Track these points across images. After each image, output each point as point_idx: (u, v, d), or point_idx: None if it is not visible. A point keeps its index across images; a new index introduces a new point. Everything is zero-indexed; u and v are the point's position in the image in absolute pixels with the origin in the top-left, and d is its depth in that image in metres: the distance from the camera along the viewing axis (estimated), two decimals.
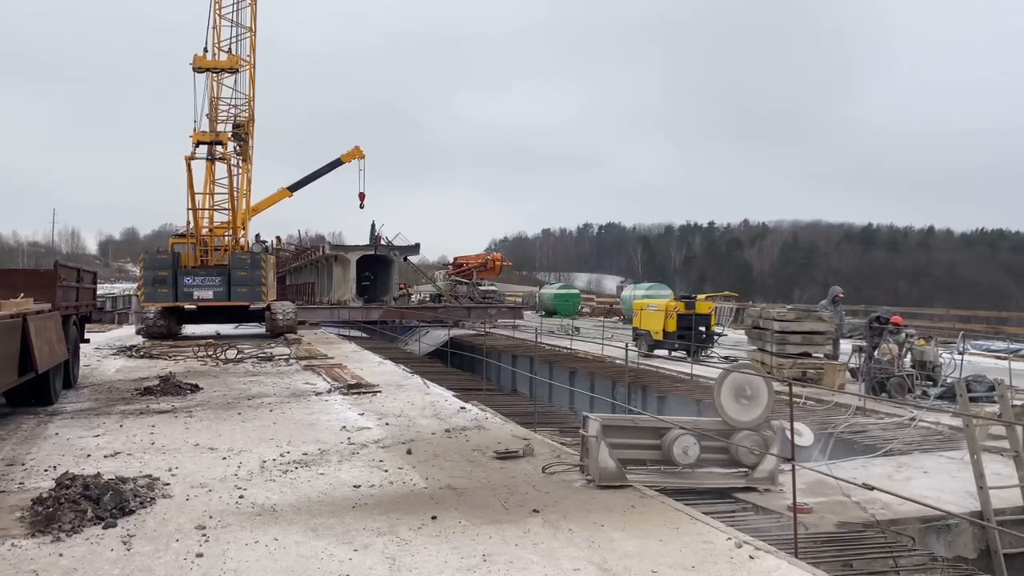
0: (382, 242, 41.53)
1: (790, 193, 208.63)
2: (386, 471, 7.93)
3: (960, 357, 14.71)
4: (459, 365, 25.19)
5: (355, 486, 7.33)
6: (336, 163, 39.31)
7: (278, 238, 51.37)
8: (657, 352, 22.09)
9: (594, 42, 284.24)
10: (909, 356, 14.75)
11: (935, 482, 8.72)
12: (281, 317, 26.06)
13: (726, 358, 20.66)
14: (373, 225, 42.59)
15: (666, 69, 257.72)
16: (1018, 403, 9.98)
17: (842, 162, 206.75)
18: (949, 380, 13.87)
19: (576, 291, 55.19)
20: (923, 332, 16.87)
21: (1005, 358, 18.19)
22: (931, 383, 14.33)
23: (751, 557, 5.50)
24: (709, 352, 21.93)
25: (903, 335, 14.92)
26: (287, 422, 10.78)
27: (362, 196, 39.23)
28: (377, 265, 42.27)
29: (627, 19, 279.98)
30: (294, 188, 38.06)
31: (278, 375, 16.09)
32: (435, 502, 6.80)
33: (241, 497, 6.92)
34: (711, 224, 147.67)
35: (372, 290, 42.87)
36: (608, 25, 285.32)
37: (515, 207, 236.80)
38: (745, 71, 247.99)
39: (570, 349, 24.71)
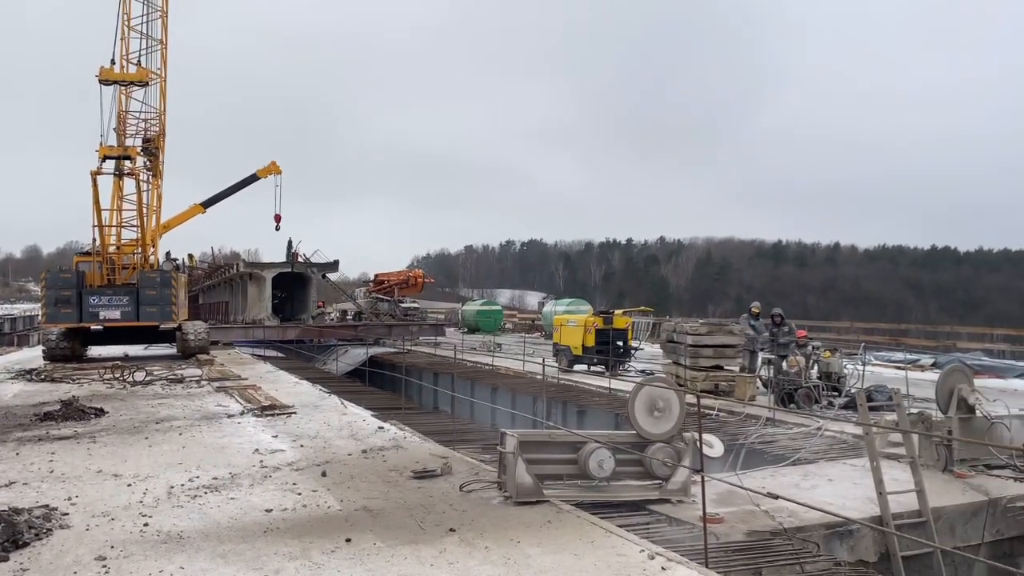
0: (299, 259, 40.72)
1: (703, 210, 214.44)
2: (299, 494, 7.77)
3: (862, 368, 15.37)
4: (379, 384, 24.90)
5: (267, 510, 7.15)
6: (252, 178, 38.48)
7: (190, 256, 49.87)
8: (577, 367, 22.35)
9: (508, 56, 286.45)
10: (815, 368, 15.33)
11: (839, 489, 9.06)
12: (193, 337, 25.28)
13: (642, 372, 21.05)
14: (290, 242, 41.80)
15: (579, 84, 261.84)
16: (914, 412, 10.47)
17: (753, 177, 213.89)
18: (852, 391, 14.48)
19: (498, 307, 55.38)
20: (829, 344, 17.56)
21: (904, 368, 19.09)
22: (836, 393, 14.91)
23: (663, 568, 5.60)
24: (626, 366, 22.31)
25: (809, 347, 15.51)
26: (197, 446, 10.44)
27: (278, 218, 38.50)
28: (294, 283, 41.41)
29: (541, 34, 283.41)
30: (207, 204, 37.06)
31: (189, 397, 15.58)
32: (350, 524, 6.69)
33: (146, 525, 6.67)
34: (629, 241, 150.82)
35: (289, 308, 41.98)
36: (522, 39, 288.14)
37: (437, 223, 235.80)
38: (657, 87, 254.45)
39: (492, 365, 24.75)
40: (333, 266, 41.66)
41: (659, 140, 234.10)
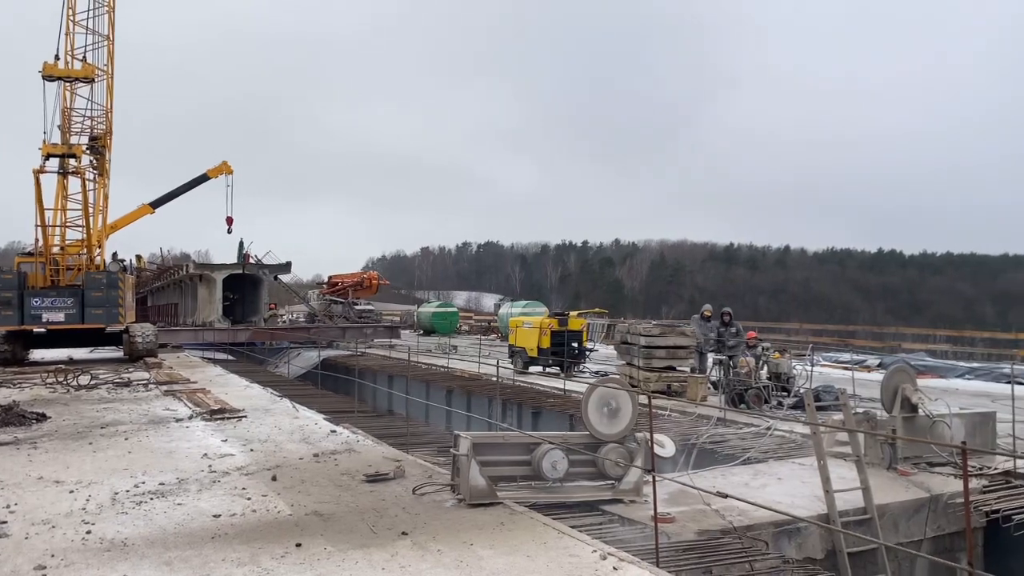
0: (251, 260, 40.07)
1: (657, 213, 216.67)
2: (249, 499, 7.64)
3: (810, 369, 15.68)
4: (332, 387, 24.60)
5: (215, 516, 7.02)
6: (202, 178, 37.77)
7: (138, 257, 48.74)
8: (532, 368, 22.38)
9: (462, 56, 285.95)
10: (765, 368, 15.59)
11: (788, 488, 9.22)
12: (140, 340, 24.73)
13: (597, 373, 21.17)
14: (241, 243, 41.11)
15: (533, 86, 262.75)
16: (860, 411, 10.71)
17: (705, 179, 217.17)
18: (801, 391, 14.76)
19: (454, 309, 55.16)
20: (778, 345, 17.88)
21: (851, 369, 19.54)
22: (785, 394, 15.19)
23: (615, 568, 5.64)
24: (581, 367, 22.42)
25: (759, 349, 15.77)
26: (143, 451, 10.21)
27: (229, 220, 37.83)
28: (245, 284, 40.73)
29: (493, 34, 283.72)
30: (156, 204, 36.30)
31: (135, 401, 15.23)
32: (300, 529, 6.60)
33: (89, 533, 6.49)
34: (585, 243, 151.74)
35: (240, 311, 41.28)
36: (476, 39, 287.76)
37: (393, 225, 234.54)
38: (611, 89, 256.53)
39: (447, 368, 24.66)
40: (285, 268, 41.07)
41: (614, 142, 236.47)
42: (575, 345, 22.58)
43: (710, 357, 17.48)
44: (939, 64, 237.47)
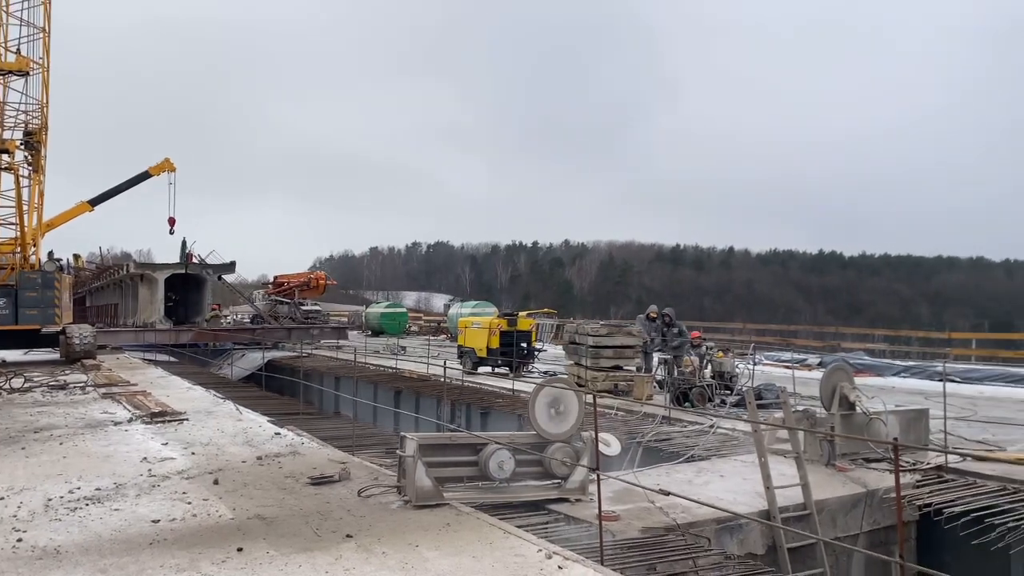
0: (194, 260, 39.25)
1: (606, 214, 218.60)
2: (189, 503, 7.48)
3: (752, 368, 15.99)
4: (278, 389, 24.31)
5: (154, 521, 6.86)
6: (144, 176, 36.84)
7: (76, 256, 47.33)
8: (481, 369, 22.38)
9: (411, 54, 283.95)
10: (709, 367, 15.85)
11: (730, 485, 9.39)
12: (78, 341, 24.03)
13: (546, 373, 21.27)
14: (184, 242, 40.24)
15: (482, 86, 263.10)
16: (800, 409, 10.97)
17: (653, 180, 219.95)
18: (743, 389, 15.05)
19: (403, 310, 54.88)
20: (722, 345, 18.20)
21: (791, 368, 19.99)
22: (728, 392, 15.47)
23: (560, 568, 5.67)
24: (530, 367, 22.50)
25: (704, 348, 16.03)
26: (79, 455, 9.92)
27: (172, 221, 36.97)
28: (188, 284, 39.86)
29: (443, 33, 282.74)
30: (95, 202, 35.27)
31: (72, 404, 14.79)
32: (242, 533, 6.49)
33: (20, 540, 6.28)
34: (535, 244, 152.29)
35: (183, 311, 40.40)
36: (425, 37, 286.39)
37: (341, 225, 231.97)
38: (560, 90, 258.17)
39: (396, 369, 24.50)
40: (230, 267, 40.32)
41: (563, 143, 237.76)
42: (524, 345, 22.65)
43: (655, 356, 17.72)
44: (880, 72, 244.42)
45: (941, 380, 14.37)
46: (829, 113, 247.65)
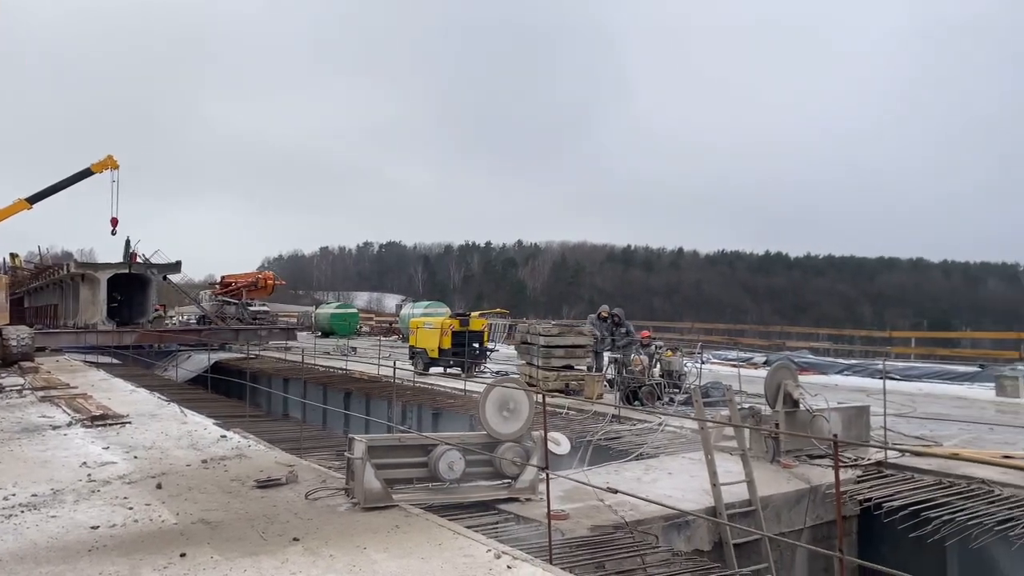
0: (138, 260, 38.35)
1: (558, 215, 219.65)
2: (131, 508, 7.30)
3: (700, 366, 16.23)
4: (225, 391, 23.85)
5: (93, 527, 6.68)
6: (85, 173, 35.90)
7: (13, 255, 45.99)
8: (433, 369, 22.29)
9: (360, 52, 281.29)
10: (658, 366, 16.04)
11: (678, 482, 9.51)
12: (15, 343, 23.32)
13: (498, 373, 21.29)
14: (128, 241, 39.34)
15: (434, 86, 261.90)
16: (745, 407, 11.16)
17: (604, 181, 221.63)
18: (691, 388, 15.26)
19: (354, 310, 54.41)
20: (671, 344, 18.44)
21: (738, 366, 20.34)
22: (677, 390, 15.67)
23: (508, 567, 5.68)
24: (482, 368, 22.49)
25: (653, 347, 16.22)
26: (15, 460, 9.62)
27: (114, 222, 36.10)
28: (133, 285, 38.92)
29: (395, 33, 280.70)
30: (34, 200, 34.31)
31: (8, 408, 14.34)
32: (185, 538, 6.36)
33: None
34: (488, 244, 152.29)
35: (127, 312, 39.42)
36: (377, 37, 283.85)
37: (290, 224, 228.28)
38: (512, 91, 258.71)
39: (346, 370, 24.26)
40: (175, 267, 39.50)
41: (516, 144, 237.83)
42: (476, 345, 22.64)
43: (606, 356, 17.87)
44: (826, 78, 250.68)
45: (882, 378, 14.79)
46: (777, 115, 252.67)
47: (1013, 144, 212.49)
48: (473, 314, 24.63)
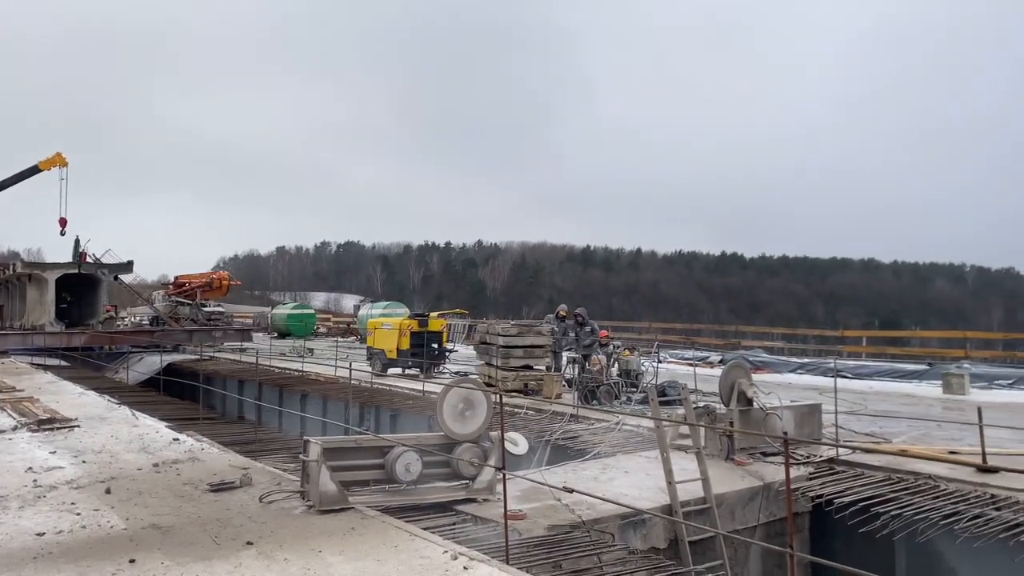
0: (88, 259, 37.43)
1: (518, 215, 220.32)
2: (78, 514, 7.13)
3: (657, 365, 16.39)
4: (178, 393, 23.39)
5: (39, 534, 6.51)
6: (33, 170, 35.00)
7: None
8: (391, 370, 22.15)
9: (319, 50, 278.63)
10: (616, 365, 16.16)
11: (634, 480, 9.59)
12: None
13: (456, 373, 21.24)
14: (77, 241, 38.29)
15: (391, 84, 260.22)
16: (701, 405, 11.29)
17: (563, 181, 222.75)
18: (648, 386, 15.40)
19: (311, 311, 53.82)
20: (628, 344, 18.59)
21: (694, 365, 20.58)
22: (634, 389, 15.80)
23: (465, 568, 5.67)
24: (441, 368, 22.42)
25: (611, 347, 16.34)
26: None
27: (63, 222, 35.26)
28: (82, 285, 37.95)
29: (350, 30, 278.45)
30: None
31: None
32: (135, 544, 6.23)
33: None
34: (448, 244, 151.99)
35: (76, 313, 38.45)
36: (335, 34, 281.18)
37: (246, 224, 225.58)
38: (472, 90, 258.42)
39: (302, 371, 23.98)
40: (127, 267, 38.62)
41: (475, 144, 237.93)
42: (435, 346, 22.55)
43: (564, 356, 17.95)
44: (784, 79, 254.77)
45: (833, 376, 15.10)
46: (734, 117, 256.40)
47: (963, 152, 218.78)
48: (432, 314, 24.51)
